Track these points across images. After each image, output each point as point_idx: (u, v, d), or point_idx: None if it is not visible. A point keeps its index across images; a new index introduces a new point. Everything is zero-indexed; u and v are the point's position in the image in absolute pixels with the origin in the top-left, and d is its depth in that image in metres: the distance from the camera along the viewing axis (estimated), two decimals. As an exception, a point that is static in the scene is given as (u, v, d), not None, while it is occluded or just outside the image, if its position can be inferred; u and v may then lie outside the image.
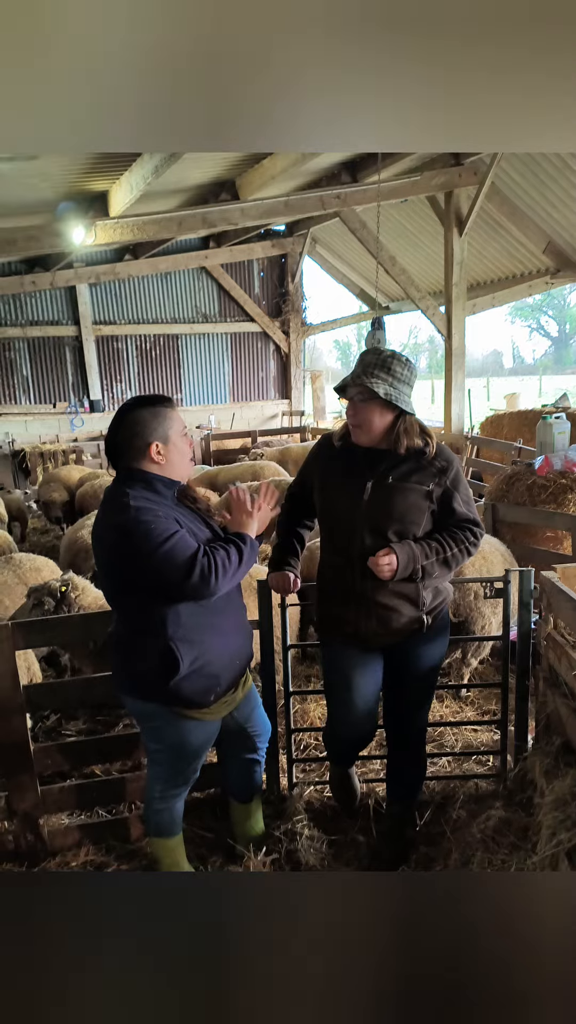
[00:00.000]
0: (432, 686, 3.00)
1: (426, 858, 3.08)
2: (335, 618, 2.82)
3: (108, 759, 3.67)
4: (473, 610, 4.31)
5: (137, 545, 2.30)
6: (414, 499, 2.62)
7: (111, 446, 2.50)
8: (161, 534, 2.31)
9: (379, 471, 2.63)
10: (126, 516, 2.32)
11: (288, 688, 3.48)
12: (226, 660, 2.60)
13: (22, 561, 4.89)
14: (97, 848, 3.25)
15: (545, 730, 3.21)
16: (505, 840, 3.02)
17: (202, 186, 10.61)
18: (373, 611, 2.70)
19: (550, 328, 55.85)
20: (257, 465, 8.74)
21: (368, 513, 2.62)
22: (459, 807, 3.30)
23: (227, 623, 2.60)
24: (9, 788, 3.11)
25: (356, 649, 2.82)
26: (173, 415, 2.49)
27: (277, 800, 3.44)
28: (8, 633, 2.93)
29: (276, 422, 16.43)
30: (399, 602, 2.69)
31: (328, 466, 2.79)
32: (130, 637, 2.54)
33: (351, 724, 2.92)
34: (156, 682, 2.47)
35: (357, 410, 2.60)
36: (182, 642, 2.44)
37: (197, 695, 2.53)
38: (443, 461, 2.67)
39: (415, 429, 2.63)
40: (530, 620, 3.34)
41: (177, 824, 2.90)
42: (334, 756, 3.18)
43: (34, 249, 9.92)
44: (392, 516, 2.61)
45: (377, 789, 3.46)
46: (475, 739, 4.02)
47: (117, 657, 2.64)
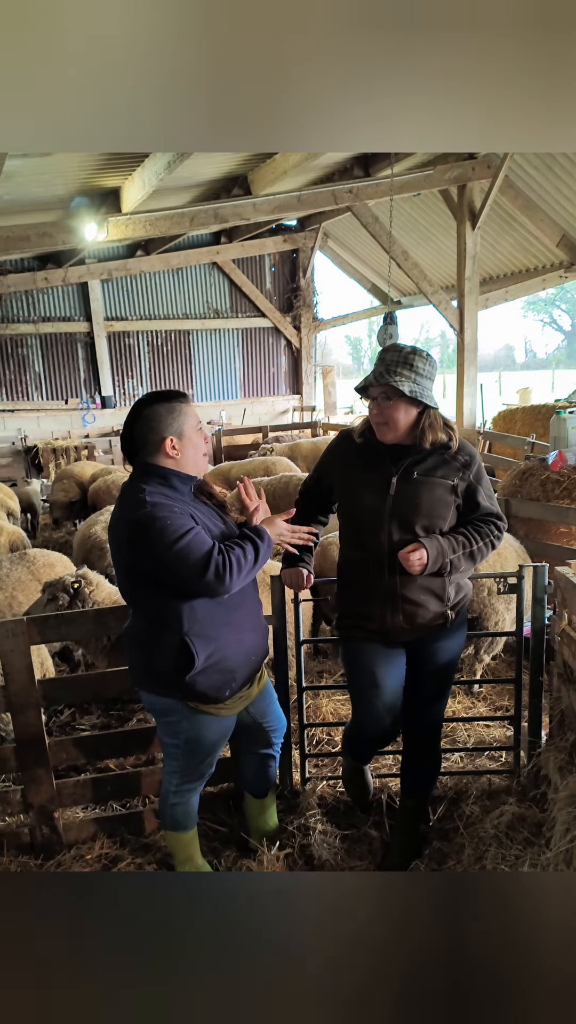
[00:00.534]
0: (450, 681, 3.00)
1: (439, 853, 3.09)
2: (358, 614, 2.81)
3: (122, 753, 3.69)
4: (487, 606, 4.30)
5: (153, 541, 2.32)
6: (440, 493, 2.63)
7: (127, 441, 2.52)
8: (177, 530, 2.32)
9: (403, 466, 2.64)
10: (142, 512, 2.34)
11: (301, 683, 3.49)
12: (242, 655, 2.61)
13: (36, 557, 4.92)
14: (112, 841, 3.27)
15: (559, 726, 3.21)
16: (519, 836, 3.02)
17: (214, 181, 10.61)
18: (399, 606, 2.70)
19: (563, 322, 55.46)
20: (268, 461, 8.73)
21: (394, 508, 2.63)
22: (472, 803, 3.30)
23: (242, 619, 2.60)
24: (25, 781, 3.13)
25: (380, 644, 2.81)
26: (188, 410, 2.50)
27: (290, 795, 3.45)
28: (23, 628, 2.96)
29: (287, 418, 16.42)
30: (426, 597, 2.70)
31: (350, 461, 2.78)
32: (146, 632, 2.55)
33: (377, 721, 2.90)
34: (172, 677, 2.49)
35: (382, 409, 2.60)
36: (197, 637, 2.45)
37: (212, 690, 2.54)
38: (466, 455, 2.69)
39: (439, 423, 2.65)
40: (544, 616, 3.33)
41: (192, 818, 2.91)
42: (355, 753, 3.16)
43: (47, 245, 9.94)
44: (419, 510, 2.62)
45: (390, 784, 3.47)
46: (487, 735, 4.02)
47: (132, 652, 2.65)
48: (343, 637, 2.94)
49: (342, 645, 2.97)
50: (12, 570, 4.68)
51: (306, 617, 4.32)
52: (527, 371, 48.68)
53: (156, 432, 2.44)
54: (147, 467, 2.48)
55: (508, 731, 3.97)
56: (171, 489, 2.45)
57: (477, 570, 4.17)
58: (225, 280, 15.73)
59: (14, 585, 4.58)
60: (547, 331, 57.61)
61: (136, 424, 2.47)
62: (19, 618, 3.02)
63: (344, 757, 3.25)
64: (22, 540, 6.21)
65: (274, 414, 16.53)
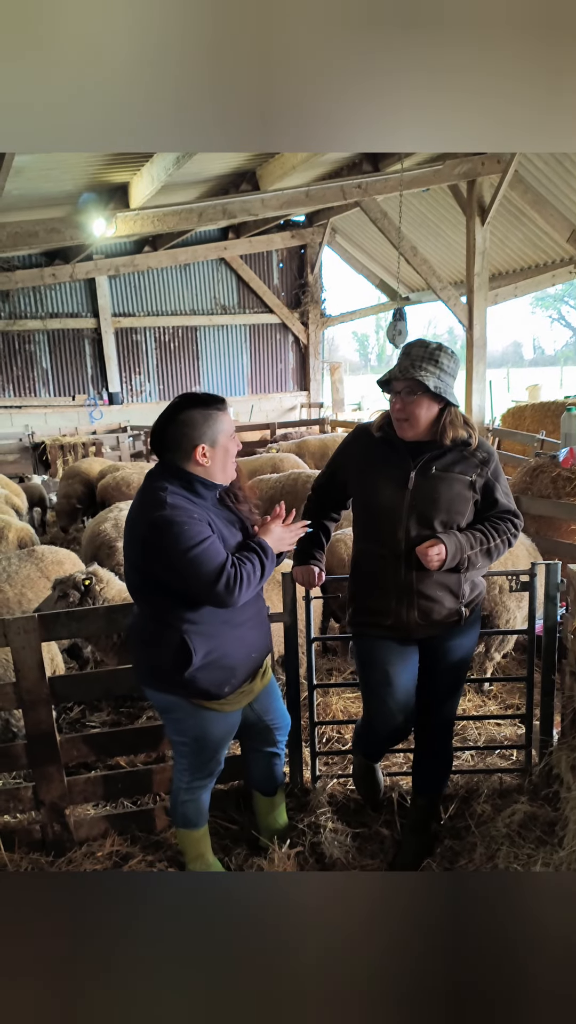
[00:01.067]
0: (462, 679, 2.98)
1: (451, 852, 3.07)
2: (373, 610, 2.80)
3: (133, 751, 3.69)
4: (498, 604, 4.28)
5: (167, 545, 2.31)
6: (459, 489, 2.63)
7: (158, 439, 2.50)
8: (193, 538, 2.31)
9: (422, 461, 2.63)
10: (160, 513, 2.32)
11: (312, 681, 3.47)
12: (242, 653, 2.60)
13: (44, 554, 4.91)
14: (122, 838, 3.27)
15: (571, 724, 3.19)
16: (531, 835, 3.01)
17: (222, 177, 10.58)
18: (415, 602, 2.69)
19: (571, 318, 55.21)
20: (276, 458, 8.71)
21: (413, 503, 2.62)
22: (484, 801, 3.28)
23: (243, 616, 2.59)
24: (36, 778, 3.13)
25: (393, 642, 2.80)
26: (224, 418, 2.47)
27: (300, 793, 3.44)
28: (35, 625, 2.95)
29: (294, 414, 16.40)
30: (442, 593, 2.70)
31: (367, 456, 2.76)
32: (148, 628, 2.56)
33: (389, 719, 2.88)
34: (171, 673, 2.49)
35: (404, 404, 2.59)
36: (197, 635, 2.45)
37: (213, 686, 2.53)
38: (484, 452, 2.69)
39: (459, 420, 2.65)
40: (556, 614, 3.31)
41: (203, 816, 2.91)
42: (366, 751, 3.15)
43: (56, 241, 9.94)
44: (438, 506, 2.62)
45: (401, 783, 3.46)
46: (498, 733, 4.00)
47: (136, 649, 2.67)
48: (356, 634, 2.92)
49: (355, 642, 2.95)
50: (21, 567, 4.68)
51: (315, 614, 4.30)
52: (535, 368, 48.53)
53: (189, 439, 2.41)
54: (174, 468, 2.45)
55: (519, 729, 3.96)
56: (193, 494, 2.43)
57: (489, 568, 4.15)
58: (233, 276, 15.71)
59: (23, 582, 4.57)
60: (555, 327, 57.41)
61: (170, 427, 2.44)
62: (30, 615, 3.02)
63: (355, 755, 3.24)
64: (31, 537, 6.21)
65: (281, 411, 16.51)
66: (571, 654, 3.18)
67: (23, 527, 6.31)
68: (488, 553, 2.67)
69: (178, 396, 2.51)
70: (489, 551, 2.67)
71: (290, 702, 3.33)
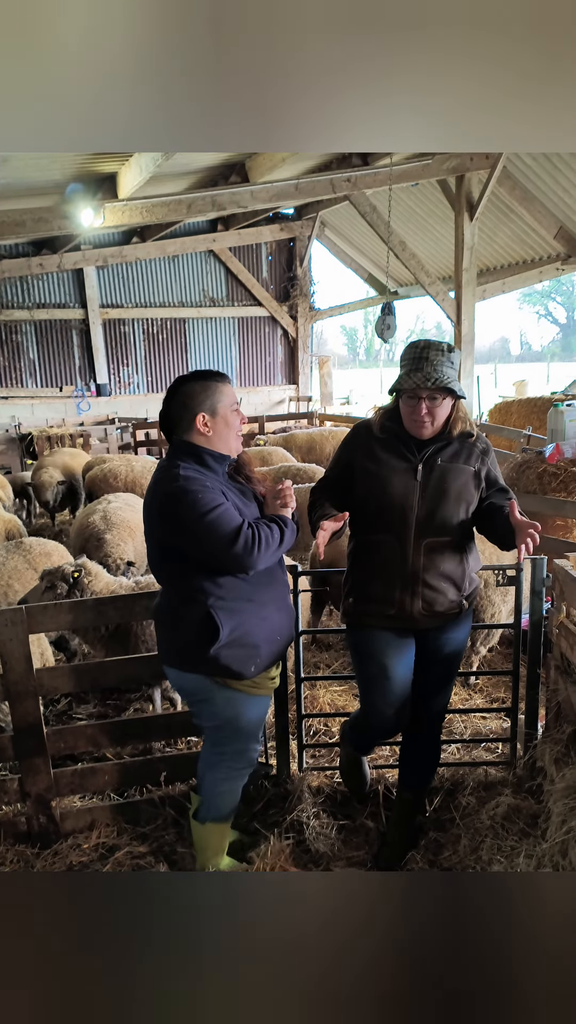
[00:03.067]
0: (454, 672, 2.99)
1: (435, 844, 3.10)
2: (377, 599, 2.79)
3: (120, 743, 3.69)
4: (483, 598, 4.31)
5: (184, 513, 2.38)
6: (465, 479, 2.69)
7: (164, 419, 2.59)
8: (208, 503, 2.37)
9: (428, 453, 2.68)
10: (175, 485, 2.40)
11: (300, 674, 3.49)
12: (266, 632, 2.62)
13: (32, 546, 4.90)
14: (108, 830, 3.28)
15: (555, 718, 3.22)
16: (514, 827, 3.04)
17: (211, 168, 10.54)
18: (420, 592, 2.72)
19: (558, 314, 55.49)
20: (265, 451, 8.72)
21: (422, 494, 2.67)
22: (468, 793, 3.31)
23: (267, 597, 2.62)
24: (22, 770, 3.13)
25: (391, 633, 2.81)
26: (224, 388, 2.53)
27: (287, 784, 3.46)
28: (22, 616, 2.95)
29: (283, 408, 16.40)
30: (446, 585, 2.74)
31: (372, 452, 2.76)
32: (173, 608, 2.59)
33: (386, 712, 2.87)
34: (197, 651, 2.51)
35: (431, 408, 2.61)
36: (222, 610, 2.48)
37: (237, 663, 2.54)
38: (483, 443, 2.77)
39: (463, 415, 2.72)
40: (542, 608, 3.34)
41: (235, 807, 2.88)
42: (357, 744, 3.15)
43: (43, 231, 9.87)
44: (448, 497, 2.66)
45: (387, 775, 3.48)
46: (484, 726, 4.04)
47: (160, 629, 2.70)
48: (353, 625, 2.92)
49: (351, 633, 2.95)
50: (8, 559, 4.67)
51: (304, 608, 4.32)
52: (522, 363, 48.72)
53: (189, 409, 2.50)
54: (181, 444, 2.53)
55: (505, 723, 3.99)
56: (204, 467, 2.50)
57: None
58: (221, 268, 15.66)
59: (10, 574, 4.56)
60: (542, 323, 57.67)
61: (173, 401, 2.54)
62: (17, 607, 3.01)
63: (343, 747, 3.25)
64: (18, 528, 6.19)
65: (270, 404, 16.51)
66: (556, 648, 3.22)
67: (10, 518, 6.29)
68: None
69: (178, 376, 2.60)
70: None
71: (278, 695, 3.34)
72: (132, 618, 3.58)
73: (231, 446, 2.58)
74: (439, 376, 2.56)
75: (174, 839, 3.20)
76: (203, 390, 2.50)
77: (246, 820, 3.27)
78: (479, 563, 2.90)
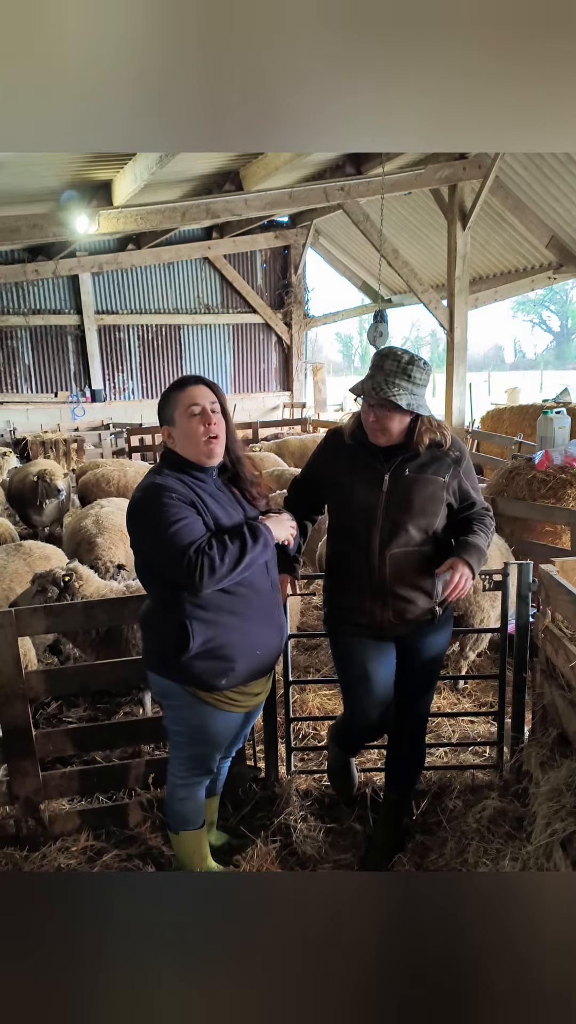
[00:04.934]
0: (435, 675, 3.02)
1: (422, 847, 3.12)
2: (348, 608, 2.83)
3: (109, 746, 3.70)
4: (472, 603, 4.34)
5: (146, 522, 2.39)
6: (432, 490, 2.66)
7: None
8: (170, 516, 2.32)
9: (395, 464, 2.66)
10: (147, 491, 2.41)
11: (288, 677, 3.51)
12: (243, 646, 2.54)
13: (32, 549, 4.93)
14: (97, 833, 3.29)
15: (541, 722, 3.25)
16: (500, 830, 3.06)
17: (206, 176, 10.60)
18: (390, 602, 2.73)
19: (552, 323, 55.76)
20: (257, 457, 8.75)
21: (388, 505, 2.65)
22: (455, 797, 3.33)
23: (250, 610, 2.54)
24: (11, 773, 3.14)
25: (370, 639, 2.83)
26: (179, 396, 2.46)
27: (275, 788, 3.47)
28: (11, 620, 2.96)
29: (277, 414, 16.43)
30: (415, 594, 2.73)
31: (342, 459, 2.78)
32: (153, 612, 2.60)
33: (368, 715, 2.91)
34: (169, 658, 2.50)
35: (378, 417, 2.60)
36: (197, 620, 2.44)
37: (208, 675, 2.50)
38: (456, 451, 2.72)
39: (433, 424, 2.68)
40: (528, 613, 3.37)
41: (201, 814, 2.85)
42: (343, 745, 3.18)
43: (38, 237, 9.91)
44: (412, 508, 2.65)
45: (375, 778, 3.50)
46: (472, 730, 4.06)
47: (143, 633, 2.71)
48: (332, 632, 2.96)
49: (332, 639, 2.98)
50: (9, 562, 4.69)
51: (293, 611, 4.34)
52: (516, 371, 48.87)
53: (160, 421, 2.54)
54: (165, 453, 2.55)
55: (492, 727, 4.02)
56: (186, 475, 2.46)
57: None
58: (216, 275, 15.72)
59: (11, 577, 4.58)
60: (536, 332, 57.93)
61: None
62: (6, 610, 3.03)
63: (330, 750, 3.27)
64: (10, 533, 6.21)
65: (264, 410, 16.54)
66: (542, 653, 3.25)
67: (3, 523, 6.31)
68: (486, 551, 2.74)
69: None
70: (486, 549, 2.74)
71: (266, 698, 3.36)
72: (121, 622, 3.59)
73: (196, 452, 2.47)
74: (385, 389, 2.52)
75: (162, 842, 3.21)
76: (165, 403, 2.49)
77: (234, 823, 3.28)
78: None
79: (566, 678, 2.96)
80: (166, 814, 2.87)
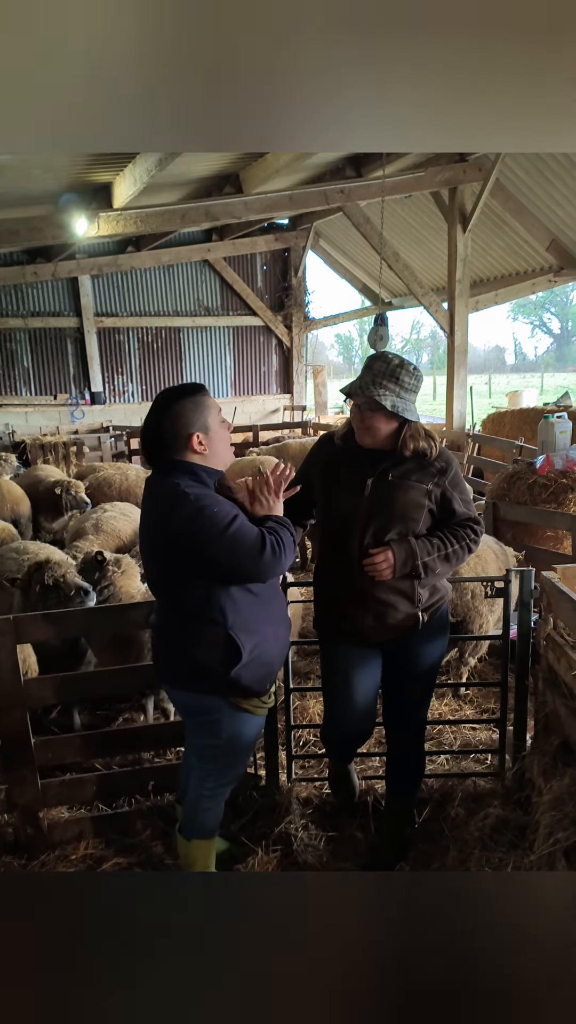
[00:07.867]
0: (430, 685, 3.02)
1: (424, 855, 3.10)
2: (333, 615, 2.85)
3: (108, 754, 3.68)
4: (471, 609, 4.32)
5: (205, 531, 2.30)
6: (414, 496, 2.66)
7: (152, 439, 2.47)
8: (225, 517, 2.33)
9: (380, 469, 2.67)
10: (188, 506, 2.32)
11: (289, 684, 3.49)
12: (278, 649, 2.61)
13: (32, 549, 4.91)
14: (96, 842, 3.27)
15: (544, 730, 3.23)
16: (503, 839, 3.05)
17: (205, 179, 10.58)
18: (370, 607, 2.73)
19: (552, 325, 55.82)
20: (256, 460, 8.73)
21: (368, 509, 2.66)
22: (457, 805, 3.31)
23: (276, 612, 2.61)
24: (10, 781, 3.12)
25: (354, 647, 2.84)
26: (210, 403, 2.47)
27: (276, 796, 3.45)
28: (10, 627, 2.94)
29: (277, 417, 16.41)
30: (396, 598, 2.72)
31: (330, 463, 2.81)
32: (185, 627, 2.49)
33: (347, 721, 2.95)
34: (217, 672, 2.44)
35: (364, 417, 2.64)
36: (242, 631, 2.42)
37: (256, 683, 2.51)
38: (442, 462, 2.71)
39: (420, 434, 2.67)
40: (530, 620, 3.35)
41: (219, 823, 2.84)
42: (331, 752, 3.21)
43: (37, 240, 9.90)
44: (392, 513, 2.65)
45: (376, 786, 3.48)
46: (473, 737, 4.04)
47: (166, 648, 2.60)
48: (320, 637, 2.99)
49: (320, 645, 3.03)
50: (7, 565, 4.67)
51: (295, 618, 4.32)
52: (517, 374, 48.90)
53: (184, 428, 2.41)
54: (175, 464, 2.43)
55: (494, 734, 4.00)
56: (201, 484, 2.43)
57: (461, 573, 4.19)
58: (216, 278, 15.70)
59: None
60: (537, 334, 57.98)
61: (163, 422, 2.43)
62: (5, 617, 3.01)
63: (329, 758, 3.27)
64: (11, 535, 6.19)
65: (264, 413, 16.52)
66: (543, 660, 3.23)
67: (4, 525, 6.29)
68: (446, 559, 2.69)
69: (158, 395, 2.50)
70: (447, 557, 2.68)
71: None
72: (124, 628, 3.57)
73: (225, 460, 2.53)
74: (371, 389, 2.56)
75: (162, 851, 3.19)
76: (194, 408, 2.42)
77: (235, 831, 3.26)
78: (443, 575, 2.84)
79: (568, 686, 2.94)
80: (184, 821, 2.84)
